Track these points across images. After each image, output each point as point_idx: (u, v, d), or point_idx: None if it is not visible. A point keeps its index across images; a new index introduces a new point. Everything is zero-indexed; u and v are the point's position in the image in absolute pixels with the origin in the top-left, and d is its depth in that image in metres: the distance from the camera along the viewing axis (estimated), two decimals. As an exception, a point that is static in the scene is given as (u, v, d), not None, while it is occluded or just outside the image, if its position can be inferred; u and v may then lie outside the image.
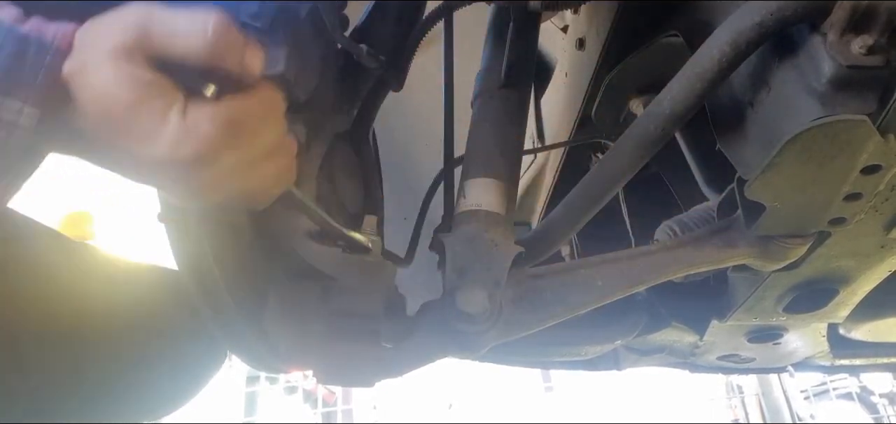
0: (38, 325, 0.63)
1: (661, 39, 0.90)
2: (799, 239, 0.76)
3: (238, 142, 0.45)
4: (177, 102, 0.43)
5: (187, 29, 0.43)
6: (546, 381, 3.66)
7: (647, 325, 1.12)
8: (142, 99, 0.42)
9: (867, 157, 0.62)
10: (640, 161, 0.72)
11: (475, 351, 0.78)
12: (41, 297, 0.64)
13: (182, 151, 0.43)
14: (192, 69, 0.43)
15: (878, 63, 0.57)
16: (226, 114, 0.44)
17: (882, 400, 3.40)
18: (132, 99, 0.42)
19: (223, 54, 0.43)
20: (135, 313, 0.73)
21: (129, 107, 0.42)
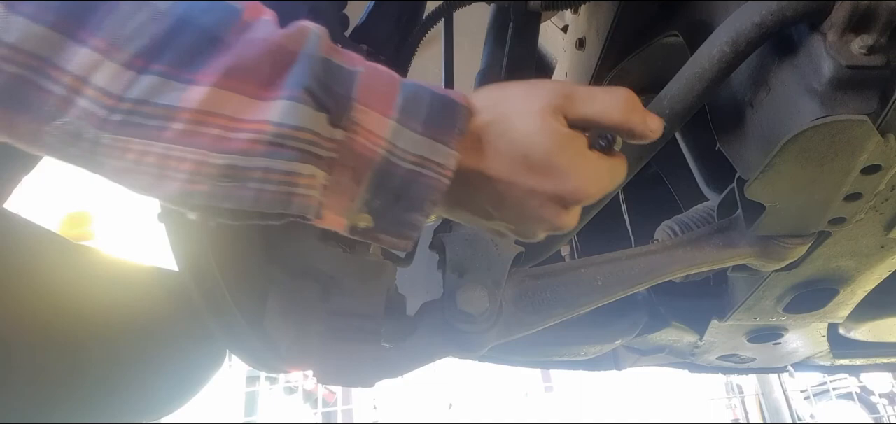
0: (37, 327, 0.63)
1: (661, 39, 0.90)
2: (799, 239, 0.76)
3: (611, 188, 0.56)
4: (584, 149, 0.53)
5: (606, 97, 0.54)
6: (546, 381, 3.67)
7: (648, 325, 1.12)
8: (562, 146, 0.51)
9: (867, 157, 0.62)
10: (640, 161, 0.72)
11: (475, 350, 0.78)
12: (40, 299, 0.64)
13: (590, 189, 0.52)
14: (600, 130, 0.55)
15: (878, 63, 0.57)
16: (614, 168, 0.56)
17: (882, 400, 3.40)
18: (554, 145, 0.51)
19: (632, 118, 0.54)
20: (134, 314, 0.73)
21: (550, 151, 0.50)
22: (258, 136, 0.41)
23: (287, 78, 0.43)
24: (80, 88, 0.39)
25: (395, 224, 0.48)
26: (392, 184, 0.47)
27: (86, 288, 0.69)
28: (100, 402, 0.70)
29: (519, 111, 0.51)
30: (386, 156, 0.46)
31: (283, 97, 0.42)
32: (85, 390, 0.68)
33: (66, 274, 0.68)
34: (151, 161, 0.40)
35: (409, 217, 0.48)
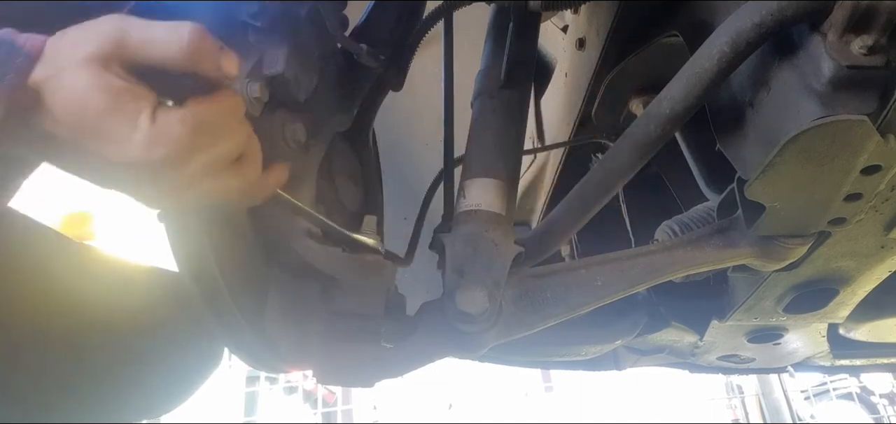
0: (38, 325, 0.63)
1: (661, 40, 0.90)
2: (799, 240, 0.76)
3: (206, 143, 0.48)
4: (147, 107, 0.46)
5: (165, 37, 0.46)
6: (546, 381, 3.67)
7: (648, 325, 1.12)
8: (115, 104, 0.45)
9: (867, 157, 0.62)
10: (639, 161, 0.72)
11: (475, 350, 0.78)
12: (41, 297, 0.64)
13: (153, 153, 0.46)
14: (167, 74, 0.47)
15: (878, 63, 0.57)
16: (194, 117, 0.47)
17: (882, 401, 3.40)
18: (105, 104, 0.44)
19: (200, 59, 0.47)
20: (133, 313, 0.73)
21: (102, 112, 0.44)
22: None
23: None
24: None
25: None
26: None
27: (86, 287, 0.69)
28: (99, 400, 0.70)
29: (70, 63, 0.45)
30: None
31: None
32: (85, 388, 0.68)
33: (66, 273, 0.68)
34: None
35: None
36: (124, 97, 0.45)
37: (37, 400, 0.63)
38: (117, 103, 0.45)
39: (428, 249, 0.85)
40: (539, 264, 0.84)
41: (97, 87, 0.45)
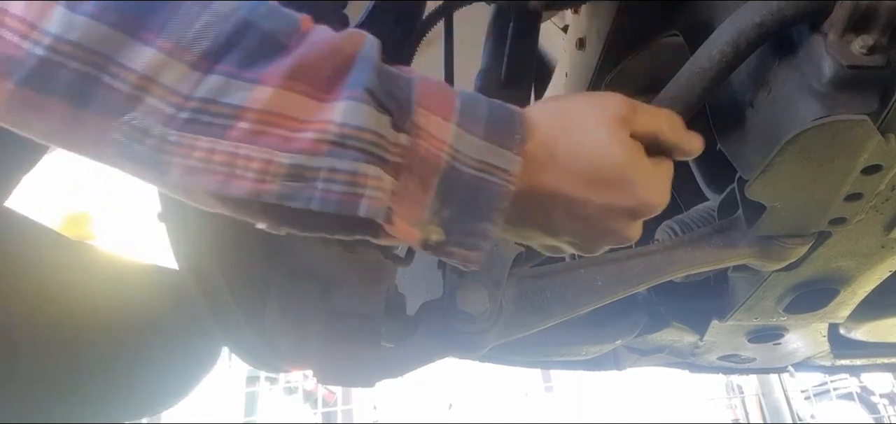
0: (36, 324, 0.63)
1: (661, 39, 0.90)
2: (799, 240, 0.76)
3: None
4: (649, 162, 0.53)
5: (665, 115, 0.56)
6: (546, 381, 3.67)
7: (648, 325, 1.12)
8: (630, 157, 0.51)
9: (868, 157, 0.62)
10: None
11: (475, 350, 0.78)
12: (39, 296, 0.64)
13: (656, 199, 0.53)
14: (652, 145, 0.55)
15: (879, 63, 0.57)
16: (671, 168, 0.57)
17: (882, 400, 3.40)
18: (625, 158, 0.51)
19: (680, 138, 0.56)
20: (132, 311, 0.73)
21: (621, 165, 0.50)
22: (322, 135, 0.41)
23: (347, 79, 0.43)
24: (148, 86, 0.40)
25: (465, 234, 0.47)
26: (458, 191, 0.46)
27: (85, 285, 0.69)
28: (98, 399, 0.70)
29: (585, 125, 0.51)
30: (450, 161, 0.46)
31: (344, 97, 0.42)
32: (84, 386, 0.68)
33: (65, 272, 0.68)
34: (220, 159, 0.41)
35: (479, 227, 0.47)
36: (635, 151, 0.52)
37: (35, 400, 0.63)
38: (633, 158, 0.51)
39: (428, 249, 0.85)
40: (539, 264, 0.84)
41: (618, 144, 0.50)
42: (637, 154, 0.52)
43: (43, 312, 0.63)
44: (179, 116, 0.40)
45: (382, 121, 0.43)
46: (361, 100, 0.43)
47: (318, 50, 0.43)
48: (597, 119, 0.51)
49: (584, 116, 0.51)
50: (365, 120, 0.42)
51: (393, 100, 0.44)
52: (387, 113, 0.44)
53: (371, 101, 0.43)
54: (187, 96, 0.40)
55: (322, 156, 0.41)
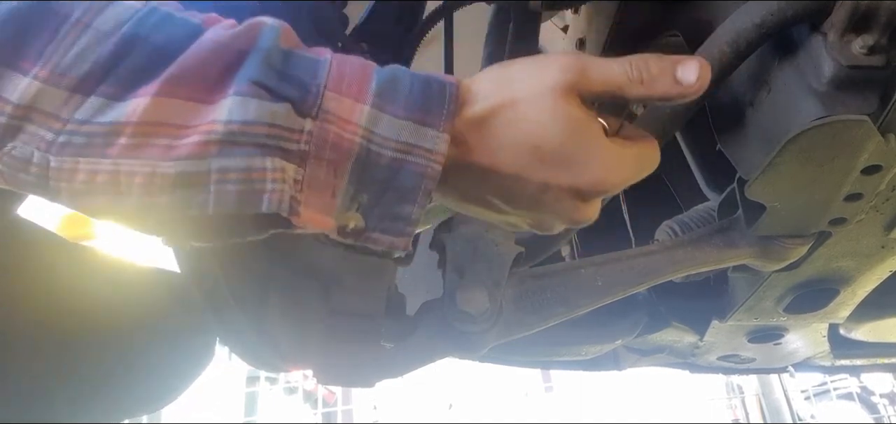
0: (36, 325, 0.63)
1: (661, 39, 0.90)
2: (799, 240, 0.76)
3: (633, 178, 0.51)
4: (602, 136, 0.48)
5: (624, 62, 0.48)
6: (546, 381, 3.67)
7: (648, 325, 1.12)
8: (577, 132, 0.46)
9: (868, 157, 0.62)
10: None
11: (476, 351, 0.78)
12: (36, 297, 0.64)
13: (610, 178, 0.48)
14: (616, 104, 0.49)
15: (879, 63, 0.57)
16: (641, 156, 0.51)
17: (883, 401, 3.40)
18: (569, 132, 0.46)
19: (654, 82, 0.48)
20: (131, 313, 0.73)
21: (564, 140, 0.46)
22: (207, 137, 0.40)
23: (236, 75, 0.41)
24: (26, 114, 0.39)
25: (386, 219, 0.44)
26: (376, 174, 0.43)
27: (82, 287, 0.69)
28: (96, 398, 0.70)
29: (527, 94, 0.46)
30: (364, 144, 0.43)
31: (230, 94, 0.40)
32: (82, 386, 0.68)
33: (63, 273, 0.68)
34: (102, 179, 0.40)
35: (401, 209, 0.44)
36: (584, 125, 0.47)
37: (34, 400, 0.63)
38: (579, 131, 0.46)
39: (428, 249, 0.85)
40: (539, 264, 0.84)
41: (561, 118, 0.46)
42: (583, 127, 0.46)
43: (42, 313, 0.64)
44: (58, 140, 0.39)
45: (278, 111, 0.41)
46: (248, 93, 0.40)
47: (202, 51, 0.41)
48: (538, 87, 0.46)
49: (525, 85, 0.46)
50: (254, 113, 0.40)
51: (294, 86, 0.42)
52: (284, 100, 0.41)
53: (261, 93, 0.41)
54: (66, 120, 0.39)
55: (210, 158, 0.40)
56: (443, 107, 0.44)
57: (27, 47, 0.39)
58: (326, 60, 0.44)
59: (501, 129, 0.46)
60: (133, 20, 0.41)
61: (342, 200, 0.44)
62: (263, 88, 0.41)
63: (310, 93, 0.42)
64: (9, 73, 0.39)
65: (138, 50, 0.40)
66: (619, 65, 0.48)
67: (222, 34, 0.42)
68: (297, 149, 0.42)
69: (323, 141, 0.42)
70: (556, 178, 0.46)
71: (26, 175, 0.40)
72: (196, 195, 0.40)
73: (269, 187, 0.41)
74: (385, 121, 0.43)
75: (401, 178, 0.44)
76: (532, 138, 0.46)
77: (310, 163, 0.42)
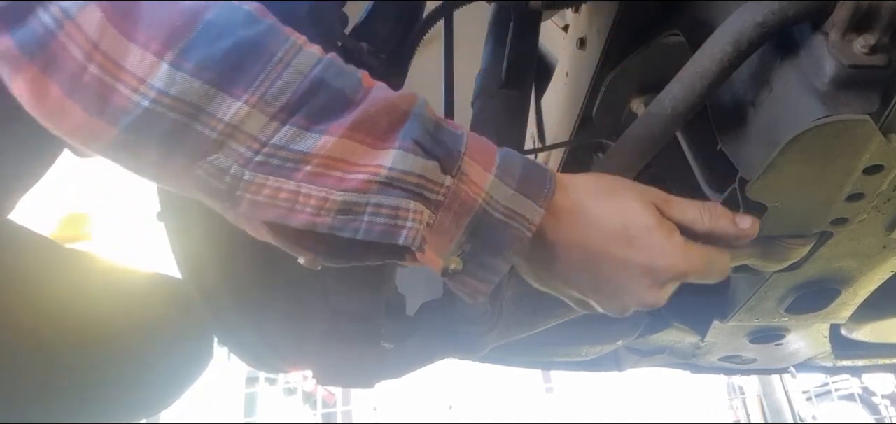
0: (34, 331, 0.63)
1: (662, 39, 0.89)
2: (801, 240, 0.76)
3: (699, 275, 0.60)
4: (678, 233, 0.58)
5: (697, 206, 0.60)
6: (546, 381, 3.66)
7: (649, 326, 1.12)
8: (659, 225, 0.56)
9: (869, 157, 0.61)
10: (641, 161, 0.71)
11: (476, 351, 0.78)
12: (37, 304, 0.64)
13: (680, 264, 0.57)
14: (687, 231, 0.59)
15: (881, 63, 0.57)
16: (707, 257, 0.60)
17: (884, 401, 3.39)
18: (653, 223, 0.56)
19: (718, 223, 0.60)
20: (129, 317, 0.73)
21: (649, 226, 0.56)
22: (373, 177, 0.48)
23: (400, 131, 0.49)
24: (233, 133, 0.46)
25: (479, 267, 0.53)
26: (483, 231, 0.52)
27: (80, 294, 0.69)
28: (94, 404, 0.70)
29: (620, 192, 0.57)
30: (483, 205, 0.52)
31: (396, 147, 0.49)
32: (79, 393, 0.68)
33: (60, 280, 0.68)
34: (284, 196, 0.47)
35: (493, 261, 0.53)
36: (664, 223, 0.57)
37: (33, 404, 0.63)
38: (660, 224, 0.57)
39: (428, 249, 0.84)
40: (540, 264, 0.83)
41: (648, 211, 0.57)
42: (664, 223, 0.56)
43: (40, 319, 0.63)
44: (255, 159, 0.46)
45: (429, 166, 0.50)
46: (410, 150, 0.49)
47: (377, 105, 0.49)
48: (632, 191, 0.57)
49: (621, 186, 0.58)
50: (411, 166, 0.49)
51: (443, 148, 0.51)
52: (435, 159, 0.50)
53: (418, 151, 0.49)
54: (264, 142, 0.46)
55: (371, 194, 0.48)
56: (544, 187, 0.54)
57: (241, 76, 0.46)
58: (464, 134, 0.54)
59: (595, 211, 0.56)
60: (321, 65, 0.48)
61: (454, 246, 0.52)
62: (420, 147, 0.50)
63: (453, 157, 0.51)
64: (223, 97, 0.45)
65: (324, 91, 0.48)
66: (694, 208, 0.60)
67: (390, 93, 0.51)
68: (435, 199, 0.51)
69: (455, 196, 0.51)
70: (636, 257, 0.55)
71: (219, 183, 0.46)
72: (352, 221, 0.48)
73: (408, 225, 0.49)
74: (501, 188, 0.53)
75: (500, 237, 0.53)
76: (621, 219, 0.56)
77: (441, 212, 0.51)
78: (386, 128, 0.49)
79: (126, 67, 0.44)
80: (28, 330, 0.62)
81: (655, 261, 0.56)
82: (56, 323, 0.65)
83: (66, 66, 0.43)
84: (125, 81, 0.44)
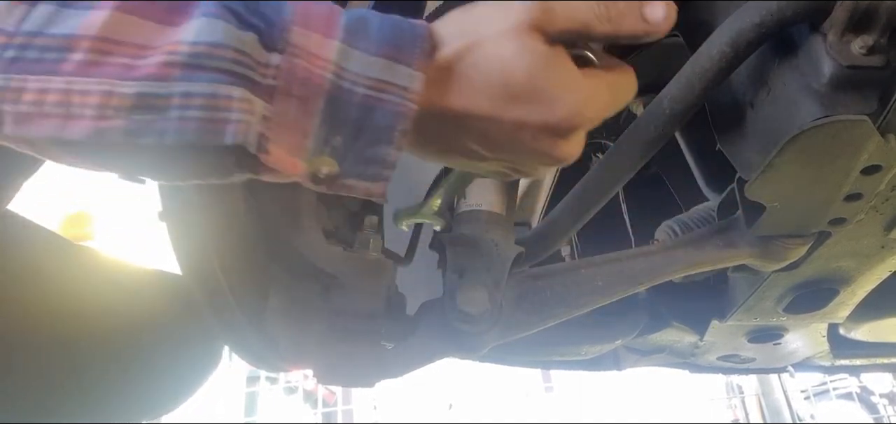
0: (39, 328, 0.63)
1: (661, 39, 0.90)
2: (799, 240, 0.76)
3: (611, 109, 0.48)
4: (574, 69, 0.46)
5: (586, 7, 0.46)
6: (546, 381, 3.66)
7: (648, 325, 1.12)
8: (546, 67, 0.44)
9: (867, 158, 0.62)
10: (640, 161, 0.72)
11: (476, 351, 0.78)
12: (40, 300, 0.64)
13: (586, 111, 0.45)
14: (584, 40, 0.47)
15: (879, 63, 0.57)
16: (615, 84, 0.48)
17: (882, 400, 3.40)
18: (537, 68, 0.44)
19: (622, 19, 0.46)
20: (133, 315, 0.73)
21: (532, 76, 0.44)
22: (171, 58, 0.36)
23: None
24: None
25: (362, 162, 0.42)
26: (349, 113, 0.41)
27: (85, 289, 0.69)
28: (99, 402, 0.70)
29: (491, 35, 0.44)
30: (334, 80, 0.41)
31: (197, 15, 0.37)
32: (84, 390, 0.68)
33: (66, 275, 0.68)
34: (53, 99, 0.36)
35: (378, 151, 0.42)
36: (552, 59, 0.45)
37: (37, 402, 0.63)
38: (547, 65, 0.44)
39: (428, 249, 0.85)
40: (539, 264, 0.84)
41: (527, 53, 0.44)
42: (552, 61, 0.45)
43: (44, 316, 0.64)
44: (4, 56, 0.36)
45: (246, 39, 0.38)
46: (217, 15, 0.38)
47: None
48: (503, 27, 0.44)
49: (489, 25, 0.45)
50: (221, 35, 0.37)
51: (259, 17, 0.39)
52: (252, 30, 0.39)
53: (229, 17, 0.38)
54: (12, 33, 0.36)
55: (173, 81, 0.36)
56: (415, 46, 0.43)
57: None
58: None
59: (470, 71, 0.44)
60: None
61: (314, 142, 0.41)
62: (231, 13, 0.38)
63: (275, 25, 0.40)
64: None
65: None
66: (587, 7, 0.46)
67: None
68: (265, 84, 0.39)
69: (292, 75, 0.40)
70: (530, 115, 0.45)
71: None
72: (155, 121, 0.37)
73: (235, 117, 0.38)
74: (356, 57, 0.41)
75: (375, 117, 0.41)
76: (500, 76, 0.44)
77: (278, 99, 0.40)
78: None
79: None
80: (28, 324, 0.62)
81: (552, 116, 0.44)
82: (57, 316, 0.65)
83: None
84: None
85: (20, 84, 0.36)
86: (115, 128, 0.36)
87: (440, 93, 0.44)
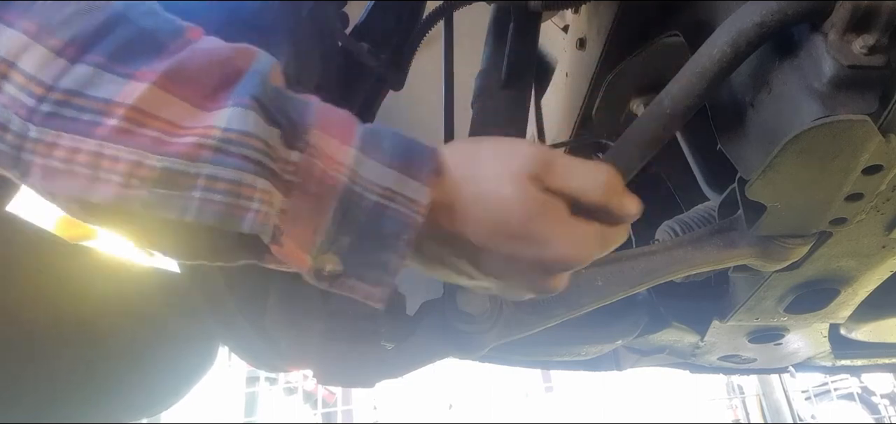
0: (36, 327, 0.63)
1: (662, 39, 0.90)
2: (800, 240, 0.76)
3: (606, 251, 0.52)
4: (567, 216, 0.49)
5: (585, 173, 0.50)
6: (546, 381, 3.66)
7: (648, 325, 1.12)
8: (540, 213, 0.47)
9: (868, 157, 0.62)
10: (640, 161, 0.72)
11: (476, 351, 0.78)
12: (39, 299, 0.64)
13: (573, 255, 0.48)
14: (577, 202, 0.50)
15: (879, 63, 0.57)
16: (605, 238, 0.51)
17: (883, 401, 3.39)
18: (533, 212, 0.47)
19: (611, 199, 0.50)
20: (131, 313, 0.73)
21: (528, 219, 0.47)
22: (203, 141, 0.37)
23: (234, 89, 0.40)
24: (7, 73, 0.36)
25: (365, 265, 0.44)
26: (359, 217, 0.43)
27: (84, 288, 0.69)
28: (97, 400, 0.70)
29: (494, 174, 0.47)
30: (348, 184, 0.43)
31: (230, 105, 0.39)
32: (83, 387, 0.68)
33: (64, 274, 0.68)
34: (83, 160, 0.36)
35: (381, 257, 0.44)
36: (548, 207, 0.48)
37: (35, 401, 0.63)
38: (542, 213, 0.47)
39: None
40: (539, 264, 0.83)
41: (525, 198, 0.47)
42: (548, 208, 0.48)
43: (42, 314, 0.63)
44: (40, 109, 0.36)
45: (272, 133, 0.40)
46: (248, 106, 0.39)
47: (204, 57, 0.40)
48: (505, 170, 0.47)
49: (493, 165, 0.48)
50: (252, 126, 0.39)
51: (285, 116, 0.41)
52: (277, 126, 0.40)
53: (259, 110, 0.39)
54: (50, 86, 0.36)
55: (201, 163, 0.37)
56: (425, 163, 0.45)
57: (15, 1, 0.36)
58: (313, 103, 0.44)
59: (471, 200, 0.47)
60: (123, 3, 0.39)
61: (322, 240, 0.43)
62: (261, 107, 0.40)
63: (298, 126, 0.42)
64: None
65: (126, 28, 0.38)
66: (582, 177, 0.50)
67: (221, 47, 0.41)
68: (285, 178, 0.41)
69: (309, 174, 0.42)
70: (522, 252, 0.47)
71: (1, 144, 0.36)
72: (178, 197, 0.37)
73: (255, 207, 0.39)
74: (370, 165, 0.43)
75: (383, 224, 0.43)
76: (498, 214, 0.47)
77: (295, 194, 0.42)
78: (216, 85, 0.39)
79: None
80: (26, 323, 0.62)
81: (544, 255, 0.47)
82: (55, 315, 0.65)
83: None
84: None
85: (54, 139, 0.36)
86: (139, 197, 0.37)
87: (442, 212, 0.47)
